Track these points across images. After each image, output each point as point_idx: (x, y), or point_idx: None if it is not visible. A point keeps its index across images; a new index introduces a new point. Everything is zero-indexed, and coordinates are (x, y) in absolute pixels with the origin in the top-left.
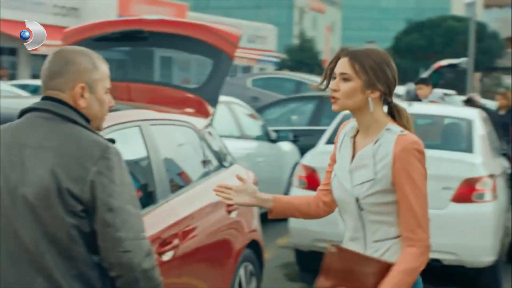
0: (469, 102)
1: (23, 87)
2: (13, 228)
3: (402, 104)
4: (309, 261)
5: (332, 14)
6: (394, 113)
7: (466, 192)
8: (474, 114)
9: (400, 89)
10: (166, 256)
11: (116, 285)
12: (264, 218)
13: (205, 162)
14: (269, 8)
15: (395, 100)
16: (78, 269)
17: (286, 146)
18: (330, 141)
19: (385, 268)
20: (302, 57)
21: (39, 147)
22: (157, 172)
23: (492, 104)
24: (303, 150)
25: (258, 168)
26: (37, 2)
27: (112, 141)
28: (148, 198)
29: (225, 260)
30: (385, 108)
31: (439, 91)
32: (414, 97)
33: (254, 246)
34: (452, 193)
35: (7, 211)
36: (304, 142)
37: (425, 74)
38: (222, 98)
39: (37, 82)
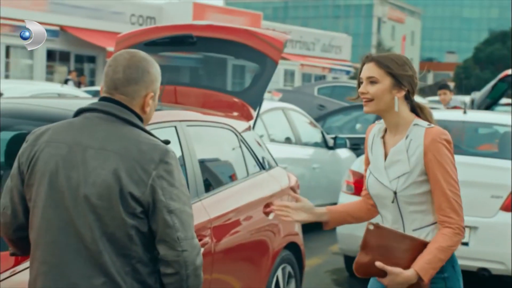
0: None
1: (96, 93)
2: (74, 226)
3: (458, 110)
4: None
5: (412, 24)
6: (417, 110)
7: None
8: None
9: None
10: None
11: (165, 282)
12: (317, 225)
13: (243, 164)
14: (347, 18)
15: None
16: (132, 266)
17: (344, 153)
18: None
19: (420, 245)
20: None
21: (100, 148)
22: (191, 172)
23: None
24: None
25: (314, 174)
26: (115, 12)
27: (167, 142)
28: None
29: (261, 260)
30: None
31: (458, 97)
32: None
33: (294, 249)
34: (501, 202)
35: (68, 209)
36: None
37: (490, 84)
38: (280, 104)
39: None
